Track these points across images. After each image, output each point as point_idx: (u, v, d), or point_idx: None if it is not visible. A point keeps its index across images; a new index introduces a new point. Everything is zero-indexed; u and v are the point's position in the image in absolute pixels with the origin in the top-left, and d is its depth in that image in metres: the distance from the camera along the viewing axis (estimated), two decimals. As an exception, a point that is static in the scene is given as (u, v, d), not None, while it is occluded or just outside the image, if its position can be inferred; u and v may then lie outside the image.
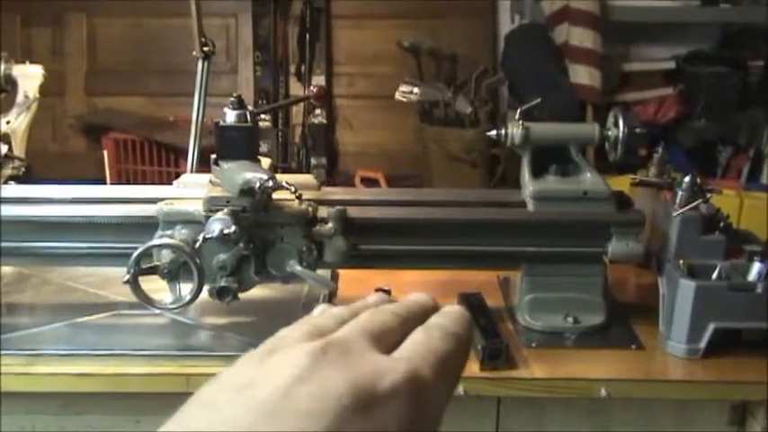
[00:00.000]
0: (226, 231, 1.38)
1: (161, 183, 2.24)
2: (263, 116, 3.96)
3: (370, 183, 3.96)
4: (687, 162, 3.42)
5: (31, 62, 2.13)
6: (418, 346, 0.46)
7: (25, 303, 1.69)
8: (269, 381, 0.38)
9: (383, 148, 4.20)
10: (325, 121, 4.11)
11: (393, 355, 0.44)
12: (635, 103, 3.85)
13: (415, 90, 3.64)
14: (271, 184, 1.40)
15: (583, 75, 3.66)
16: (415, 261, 1.64)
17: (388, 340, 0.46)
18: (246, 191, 1.42)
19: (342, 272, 1.76)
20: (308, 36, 4.12)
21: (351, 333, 0.45)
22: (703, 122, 3.64)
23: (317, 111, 4.08)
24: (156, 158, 3.74)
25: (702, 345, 1.51)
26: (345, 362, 0.40)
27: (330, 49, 4.19)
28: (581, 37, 3.66)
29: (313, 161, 4.10)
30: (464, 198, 1.69)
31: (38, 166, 2.50)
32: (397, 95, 3.67)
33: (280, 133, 4.13)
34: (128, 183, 3.64)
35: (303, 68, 4.14)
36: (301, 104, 4.11)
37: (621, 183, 1.75)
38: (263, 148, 3.95)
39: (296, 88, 4.15)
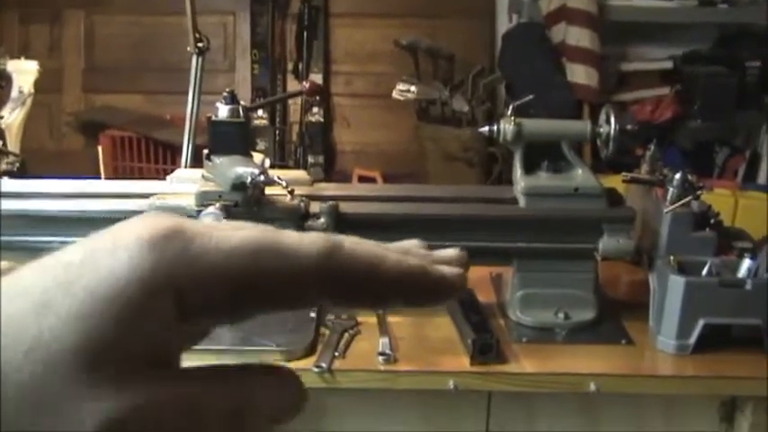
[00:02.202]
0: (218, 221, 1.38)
1: (157, 179, 2.24)
2: (260, 114, 3.97)
3: (367, 182, 3.96)
4: (683, 162, 3.42)
5: (28, 59, 2.14)
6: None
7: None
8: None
9: (380, 146, 4.20)
10: (322, 120, 4.11)
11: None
12: (632, 102, 3.85)
13: (412, 89, 3.65)
14: (262, 178, 1.40)
15: (580, 74, 3.66)
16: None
17: None
18: (238, 185, 1.43)
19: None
20: (305, 34, 4.12)
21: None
22: (700, 123, 3.64)
23: (315, 109, 4.08)
24: (153, 156, 3.74)
25: (692, 340, 1.52)
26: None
27: (328, 47, 4.19)
28: (578, 36, 3.66)
29: (310, 159, 4.10)
30: (456, 194, 1.70)
31: (34, 164, 2.50)
32: (395, 94, 3.67)
33: (277, 131, 4.13)
34: (124, 179, 3.64)
35: (301, 67, 4.14)
36: (299, 103, 4.11)
37: (617, 181, 1.76)
38: (261, 146, 3.95)
39: (293, 86, 4.14)
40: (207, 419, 0.33)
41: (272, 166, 2.12)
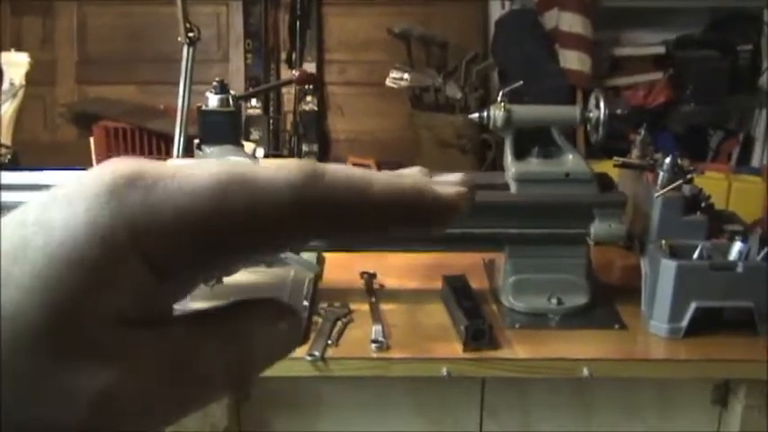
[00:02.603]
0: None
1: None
2: (253, 104, 3.97)
3: (362, 169, 3.96)
4: (677, 147, 3.42)
5: (21, 51, 2.14)
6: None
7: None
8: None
9: (375, 134, 4.20)
10: (316, 108, 4.10)
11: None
12: (625, 88, 3.85)
13: (406, 76, 3.64)
14: (252, 167, 1.40)
15: (573, 60, 3.66)
16: (400, 244, 1.64)
17: None
18: (229, 174, 1.43)
19: (327, 255, 1.77)
20: (298, 23, 4.12)
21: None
22: (693, 107, 3.64)
23: (308, 98, 4.07)
24: (147, 147, 3.73)
25: (684, 324, 1.53)
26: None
27: (321, 36, 4.19)
28: (571, 22, 3.66)
29: (305, 148, 4.10)
30: (448, 181, 1.70)
31: (29, 156, 2.49)
32: (388, 82, 3.67)
33: (271, 120, 4.13)
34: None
35: (294, 56, 4.14)
36: (292, 92, 4.11)
37: (610, 166, 1.76)
38: (255, 135, 3.95)
39: (287, 76, 4.14)
40: (204, 373, 0.30)
41: (266, 156, 2.13)
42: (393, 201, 0.31)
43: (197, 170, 0.30)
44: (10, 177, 1.65)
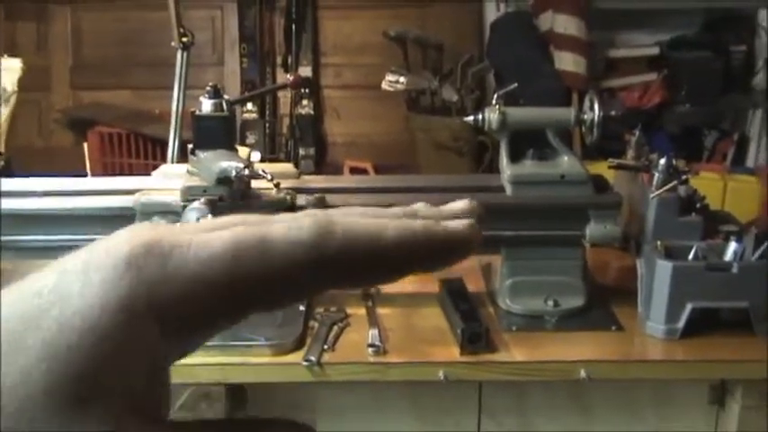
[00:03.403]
0: (202, 221, 1.38)
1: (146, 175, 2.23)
2: (249, 107, 3.96)
3: (359, 173, 3.96)
4: (672, 148, 3.42)
5: (15, 56, 2.13)
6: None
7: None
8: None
9: (371, 138, 4.20)
10: (312, 112, 4.10)
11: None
12: (620, 89, 3.85)
13: (402, 79, 3.64)
14: (247, 172, 1.40)
15: (568, 62, 3.66)
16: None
17: None
18: (223, 179, 1.43)
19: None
20: (294, 27, 4.11)
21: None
22: (687, 108, 3.65)
23: (305, 101, 4.07)
24: (143, 152, 3.73)
25: (681, 325, 1.53)
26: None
27: (316, 39, 4.18)
28: (565, 24, 3.66)
29: (301, 152, 4.09)
30: (443, 184, 1.70)
31: (23, 162, 2.49)
32: (384, 85, 3.66)
33: (267, 124, 4.12)
34: (113, 176, 3.62)
35: (290, 60, 4.14)
36: (288, 95, 4.10)
37: (605, 168, 1.76)
38: (251, 139, 3.95)
39: (283, 79, 4.14)
40: None
41: (262, 160, 2.13)
42: (405, 248, 0.31)
43: (212, 235, 0.30)
44: (3, 184, 1.64)
